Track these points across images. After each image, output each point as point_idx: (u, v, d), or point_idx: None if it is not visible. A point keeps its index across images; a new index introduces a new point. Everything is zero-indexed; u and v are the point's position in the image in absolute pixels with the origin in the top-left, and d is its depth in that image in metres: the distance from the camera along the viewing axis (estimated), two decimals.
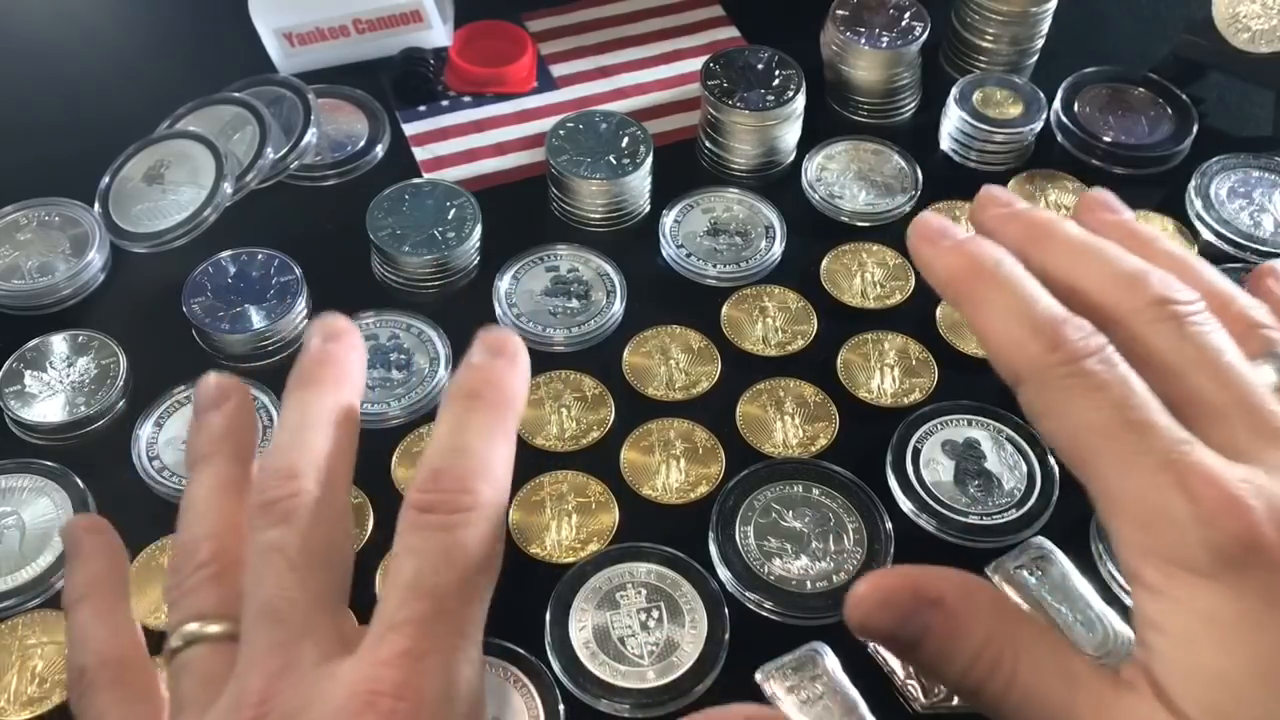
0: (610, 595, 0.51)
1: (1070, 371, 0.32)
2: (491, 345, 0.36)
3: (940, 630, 0.31)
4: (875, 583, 0.32)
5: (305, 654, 0.30)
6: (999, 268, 0.34)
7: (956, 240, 0.36)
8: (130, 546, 0.53)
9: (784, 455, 0.57)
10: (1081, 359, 0.32)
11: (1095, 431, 0.31)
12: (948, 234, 0.36)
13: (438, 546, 0.31)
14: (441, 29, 0.75)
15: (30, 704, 0.49)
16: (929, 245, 0.36)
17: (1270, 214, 0.68)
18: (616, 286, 0.64)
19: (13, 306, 0.62)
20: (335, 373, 0.37)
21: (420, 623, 0.30)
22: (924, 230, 0.37)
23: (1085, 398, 0.31)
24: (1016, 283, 0.34)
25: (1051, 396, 0.32)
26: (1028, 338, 0.33)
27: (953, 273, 0.35)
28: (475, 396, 0.34)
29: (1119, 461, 0.31)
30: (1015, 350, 0.33)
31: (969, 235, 0.36)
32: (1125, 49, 0.80)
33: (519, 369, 0.35)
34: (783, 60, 0.70)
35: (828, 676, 0.49)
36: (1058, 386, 0.32)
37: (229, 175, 0.65)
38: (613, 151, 0.67)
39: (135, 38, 0.80)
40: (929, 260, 0.36)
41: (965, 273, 0.35)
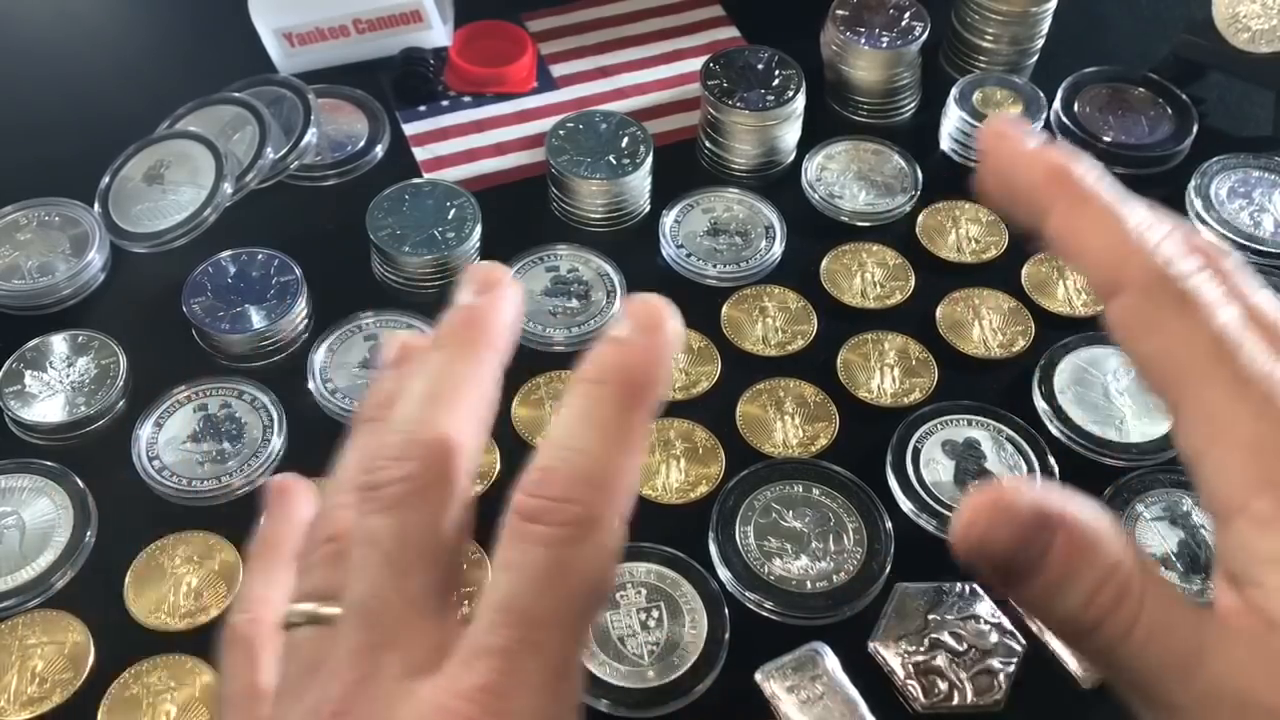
0: (610, 595, 0.51)
1: (1181, 283, 0.28)
2: (640, 319, 0.31)
3: (1065, 550, 0.27)
4: (991, 497, 0.28)
5: (389, 664, 0.27)
6: (1092, 175, 0.31)
7: (1042, 144, 0.32)
8: (130, 546, 0.53)
9: (784, 455, 0.57)
10: (1193, 272, 0.29)
11: (1203, 349, 0.28)
12: (1029, 138, 0.32)
13: (538, 564, 0.27)
14: (441, 29, 0.75)
15: (30, 704, 0.49)
16: (1014, 143, 0.32)
17: (1270, 214, 0.68)
18: (616, 286, 0.64)
19: (13, 306, 0.62)
20: (475, 335, 0.32)
21: (508, 654, 0.26)
22: (1002, 130, 0.33)
23: (1196, 312, 0.28)
24: (1112, 190, 0.31)
25: (1157, 310, 0.29)
26: (1133, 245, 0.29)
27: (1044, 174, 0.31)
28: (605, 384, 0.29)
29: (1231, 382, 0.28)
30: (1117, 257, 0.29)
31: (1050, 142, 0.33)
32: (1125, 49, 0.80)
33: (667, 352, 0.30)
34: (783, 60, 0.70)
35: (828, 676, 0.49)
36: (1166, 299, 0.28)
37: (229, 175, 0.65)
38: (613, 151, 0.67)
39: (135, 38, 0.80)
40: (1016, 158, 0.32)
41: (1056, 175, 0.31)
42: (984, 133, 0.33)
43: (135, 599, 0.52)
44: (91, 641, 0.51)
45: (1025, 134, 0.32)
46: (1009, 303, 0.64)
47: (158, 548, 0.54)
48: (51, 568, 0.53)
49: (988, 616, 0.51)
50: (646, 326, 0.30)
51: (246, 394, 0.59)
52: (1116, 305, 0.29)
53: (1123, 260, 0.29)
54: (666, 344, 0.30)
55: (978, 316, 0.64)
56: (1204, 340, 0.28)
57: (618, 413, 0.29)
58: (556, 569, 0.27)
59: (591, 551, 0.27)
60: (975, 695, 0.49)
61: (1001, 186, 0.32)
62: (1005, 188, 0.32)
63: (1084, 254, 0.30)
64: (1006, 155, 0.32)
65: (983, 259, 0.66)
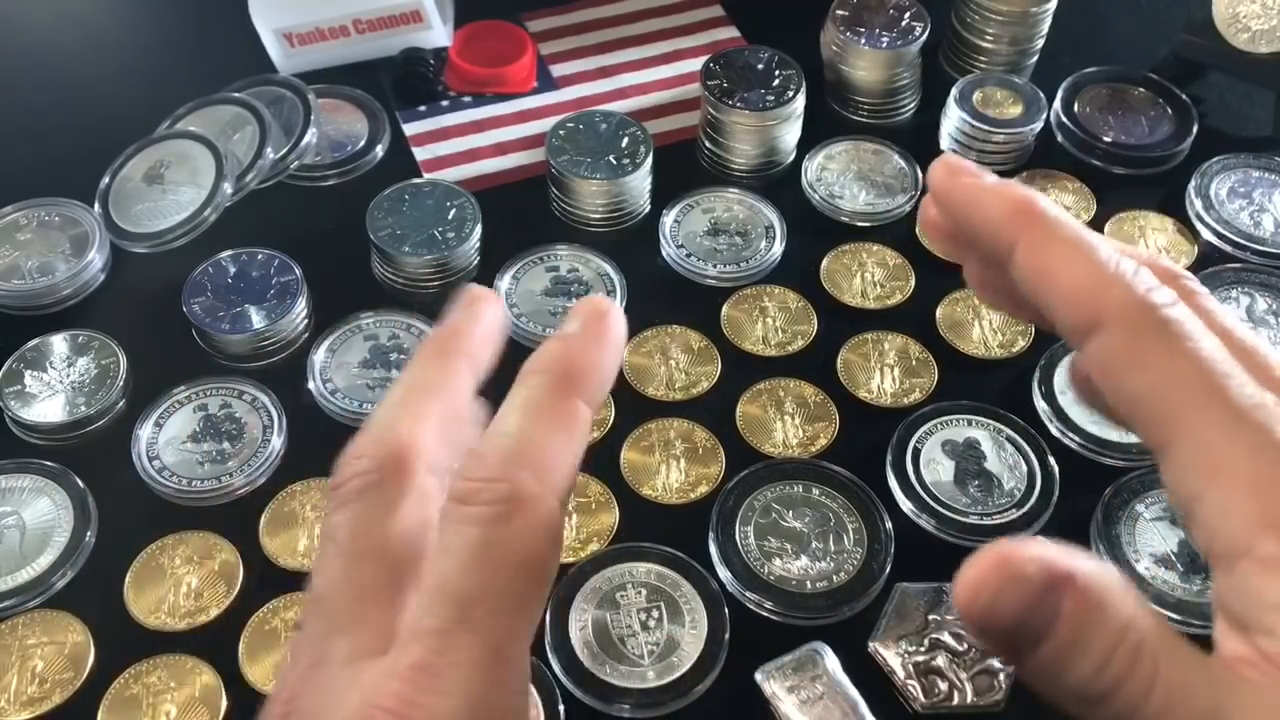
0: (610, 595, 0.51)
1: (1164, 316, 0.27)
2: (583, 315, 0.32)
3: (1074, 613, 0.25)
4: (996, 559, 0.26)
5: (337, 649, 0.28)
6: (1055, 209, 0.30)
7: (999, 180, 0.32)
8: (130, 546, 0.53)
9: (784, 455, 0.57)
10: (1172, 303, 0.28)
11: (1194, 383, 0.27)
12: (984, 174, 0.32)
13: (469, 544, 0.27)
14: (441, 29, 0.75)
15: (30, 704, 0.49)
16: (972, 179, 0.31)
17: (1270, 214, 0.68)
18: (616, 286, 0.64)
19: (13, 306, 0.62)
20: (450, 345, 0.34)
21: (441, 633, 0.26)
22: (960, 166, 0.32)
23: (1182, 344, 0.27)
24: (1079, 225, 0.30)
25: (1142, 344, 0.27)
26: (1109, 279, 0.28)
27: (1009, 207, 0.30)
28: (541, 374, 0.30)
29: (1225, 416, 0.26)
30: (1093, 290, 0.28)
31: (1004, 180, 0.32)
32: (1125, 49, 0.80)
33: (606, 345, 0.31)
34: (783, 60, 0.70)
35: (828, 676, 0.49)
36: (1150, 332, 0.27)
37: (229, 175, 0.65)
38: (613, 151, 0.67)
39: (135, 38, 0.80)
40: (976, 193, 0.31)
41: (1022, 208, 0.30)
42: (936, 171, 0.32)
43: (135, 599, 0.52)
44: (91, 641, 0.51)
45: (980, 171, 0.32)
46: None
47: (158, 548, 0.54)
48: (51, 568, 0.53)
49: None
50: (587, 322, 0.31)
51: (246, 394, 0.59)
52: (1097, 343, 0.28)
53: (1099, 293, 0.28)
54: (606, 337, 0.31)
55: (978, 316, 0.64)
56: (1193, 374, 0.27)
57: (551, 398, 0.30)
58: (487, 547, 0.27)
59: (524, 529, 0.27)
60: (975, 695, 0.49)
61: (958, 222, 0.32)
62: (963, 223, 0.32)
63: (1056, 288, 0.29)
64: (965, 190, 0.31)
65: None
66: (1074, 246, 0.29)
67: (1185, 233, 0.68)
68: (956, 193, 0.32)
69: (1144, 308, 0.28)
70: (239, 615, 0.51)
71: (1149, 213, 0.69)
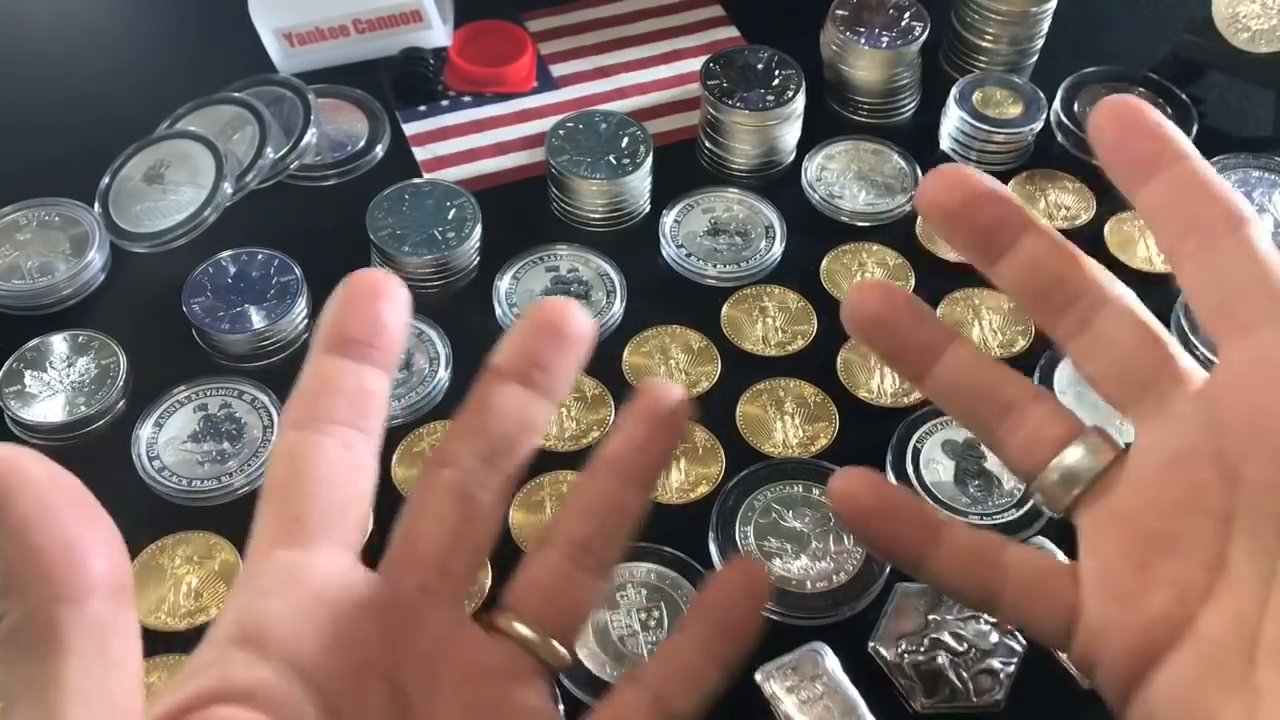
0: (610, 595, 0.51)
1: (1240, 230, 0.32)
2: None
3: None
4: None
5: None
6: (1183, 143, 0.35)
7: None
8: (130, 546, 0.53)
9: (784, 455, 0.57)
10: (1250, 222, 0.32)
11: (1248, 286, 0.31)
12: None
13: None
14: (441, 29, 0.75)
15: None
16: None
17: (1270, 214, 0.68)
18: (616, 286, 0.64)
19: (13, 306, 0.62)
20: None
21: None
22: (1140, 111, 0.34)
23: (1244, 251, 0.32)
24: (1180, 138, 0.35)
25: (1213, 248, 0.32)
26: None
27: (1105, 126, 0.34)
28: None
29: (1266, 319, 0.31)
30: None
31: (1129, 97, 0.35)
32: (1125, 49, 0.80)
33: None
34: (783, 60, 0.70)
35: (828, 676, 0.49)
36: (1218, 234, 0.32)
37: (229, 175, 0.65)
38: (613, 151, 0.67)
39: (135, 38, 0.80)
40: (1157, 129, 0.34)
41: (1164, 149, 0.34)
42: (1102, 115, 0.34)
43: (135, 599, 0.52)
44: None
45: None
46: (1009, 303, 0.64)
47: (158, 548, 0.54)
48: None
49: (988, 616, 0.51)
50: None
51: (246, 394, 0.59)
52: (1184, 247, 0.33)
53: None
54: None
55: (978, 316, 0.64)
56: None
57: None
58: None
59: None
60: (975, 695, 0.49)
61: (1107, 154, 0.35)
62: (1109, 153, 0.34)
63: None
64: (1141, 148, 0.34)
65: None
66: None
67: None
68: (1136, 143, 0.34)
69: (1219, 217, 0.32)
70: None
71: None
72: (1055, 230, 0.35)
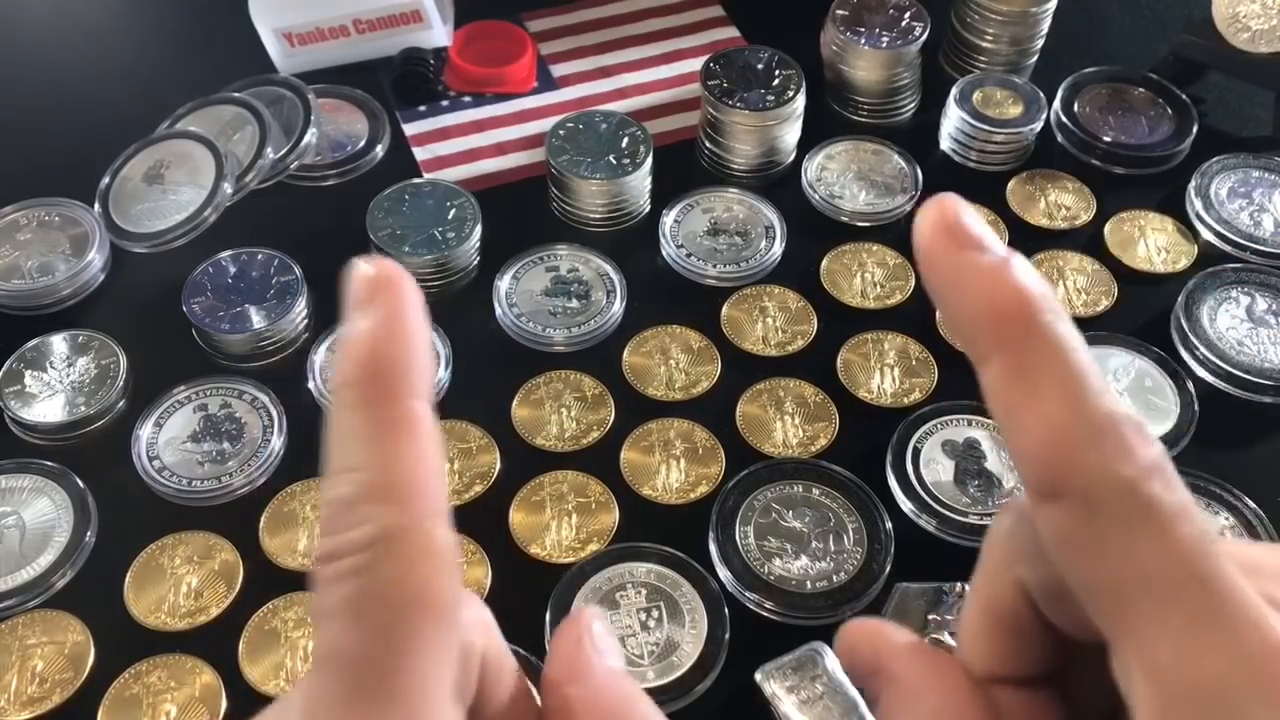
0: (610, 595, 0.51)
1: (1139, 495, 0.22)
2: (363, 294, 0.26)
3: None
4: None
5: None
6: (1053, 321, 0.23)
7: (1000, 259, 0.24)
8: (130, 546, 0.54)
9: (784, 455, 0.57)
10: (1153, 477, 0.23)
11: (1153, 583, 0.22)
12: (988, 246, 0.24)
13: (347, 602, 0.23)
14: (441, 29, 0.75)
15: (30, 704, 0.49)
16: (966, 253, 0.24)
17: (1270, 214, 0.68)
18: (616, 286, 0.64)
19: (13, 306, 0.62)
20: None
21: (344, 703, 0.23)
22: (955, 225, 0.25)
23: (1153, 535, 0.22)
24: (1078, 353, 0.23)
25: (1105, 526, 0.23)
26: (1087, 438, 0.23)
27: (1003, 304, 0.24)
28: (350, 385, 0.25)
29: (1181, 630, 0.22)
30: (1066, 452, 0.23)
31: (1011, 255, 0.24)
32: (1125, 49, 0.80)
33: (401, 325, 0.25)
34: (783, 60, 0.70)
35: (828, 676, 0.49)
36: (1118, 513, 0.22)
37: (229, 175, 0.65)
38: (613, 151, 0.67)
39: (135, 38, 0.80)
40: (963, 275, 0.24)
41: (1017, 312, 0.23)
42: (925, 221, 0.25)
43: (135, 599, 0.52)
44: (91, 641, 0.51)
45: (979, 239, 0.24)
46: None
47: (158, 548, 0.54)
48: (51, 568, 0.53)
49: None
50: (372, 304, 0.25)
51: (246, 394, 0.59)
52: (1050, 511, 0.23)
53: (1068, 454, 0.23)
54: (399, 316, 0.25)
55: None
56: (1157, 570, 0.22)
57: (377, 412, 0.25)
58: (366, 599, 0.23)
59: (402, 567, 0.24)
60: None
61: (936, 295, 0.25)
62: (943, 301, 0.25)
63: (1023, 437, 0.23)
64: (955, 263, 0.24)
65: None
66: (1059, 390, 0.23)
67: (1185, 233, 0.68)
68: (942, 263, 0.25)
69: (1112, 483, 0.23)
70: (239, 615, 0.51)
71: (1149, 213, 0.69)
72: None
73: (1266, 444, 0.59)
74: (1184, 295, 0.64)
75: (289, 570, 0.53)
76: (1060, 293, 0.65)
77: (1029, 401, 0.23)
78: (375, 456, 0.24)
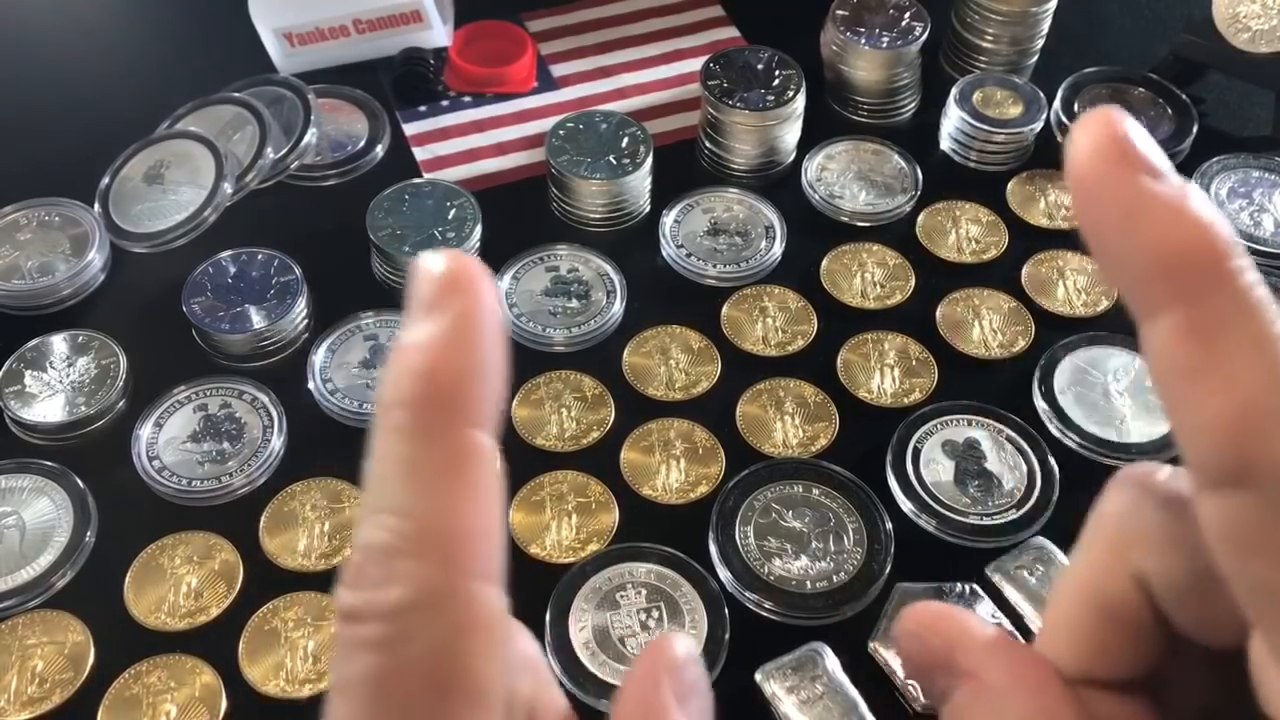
0: (610, 595, 0.51)
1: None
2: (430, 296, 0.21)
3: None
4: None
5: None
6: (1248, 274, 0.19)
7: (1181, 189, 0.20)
8: (130, 546, 0.53)
9: (784, 455, 0.57)
10: None
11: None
12: (1165, 173, 0.20)
13: (367, 677, 0.20)
14: (441, 29, 0.75)
15: (30, 704, 0.49)
16: (1141, 179, 0.20)
17: (1270, 214, 0.68)
18: (616, 286, 0.64)
19: (13, 306, 0.62)
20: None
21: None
22: (1127, 148, 0.20)
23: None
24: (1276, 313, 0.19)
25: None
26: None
27: (1181, 251, 0.19)
28: (402, 407, 0.20)
29: None
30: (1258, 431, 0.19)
31: (1189, 184, 0.20)
32: (1125, 49, 0.80)
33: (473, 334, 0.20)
34: (783, 60, 0.70)
35: (828, 676, 0.49)
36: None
37: (229, 175, 0.65)
38: (613, 151, 0.67)
39: (135, 38, 0.80)
40: (1139, 207, 0.20)
41: (1200, 259, 0.19)
42: (1085, 141, 0.21)
43: (135, 599, 0.52)
44: (91, 641, 0.51)
45: (1156, 165, 0.20)
46: (1009, 303, 0.64)
47: (158, 548, 0.54)
48: (51, 568, 0.53)
49: (988, 617, 0.51)
50: (439, 307, 0.21)
51: (246, 394, 0.59)
52: (1225, 499, 0.19)
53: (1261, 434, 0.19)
54: (473, 320, 0.20)
55: (978, 316, 0.64)
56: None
57: (428, 440, 0.20)
58: (392, 678, 0.19)
59: (439, 640, 0.20)
60: None
61: (1107, 234, 0.20)
62: (1112, 240, 0.20)
63: (1203, 405, 0.19)
64: (1129, 191, 0.20)
65: (983, 259, 0.66)
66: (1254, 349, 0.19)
67: None
68: (1111, 188, 0.20)
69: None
70: (239, 615, 0.51)
71: None
72: None
73: None
74: None
75: (289, 570, 0.53)
76: (1060, 292, 0.65)
77: (1214, 366, 0.19)
78: (422, 499, 0.20)
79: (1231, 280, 0.19)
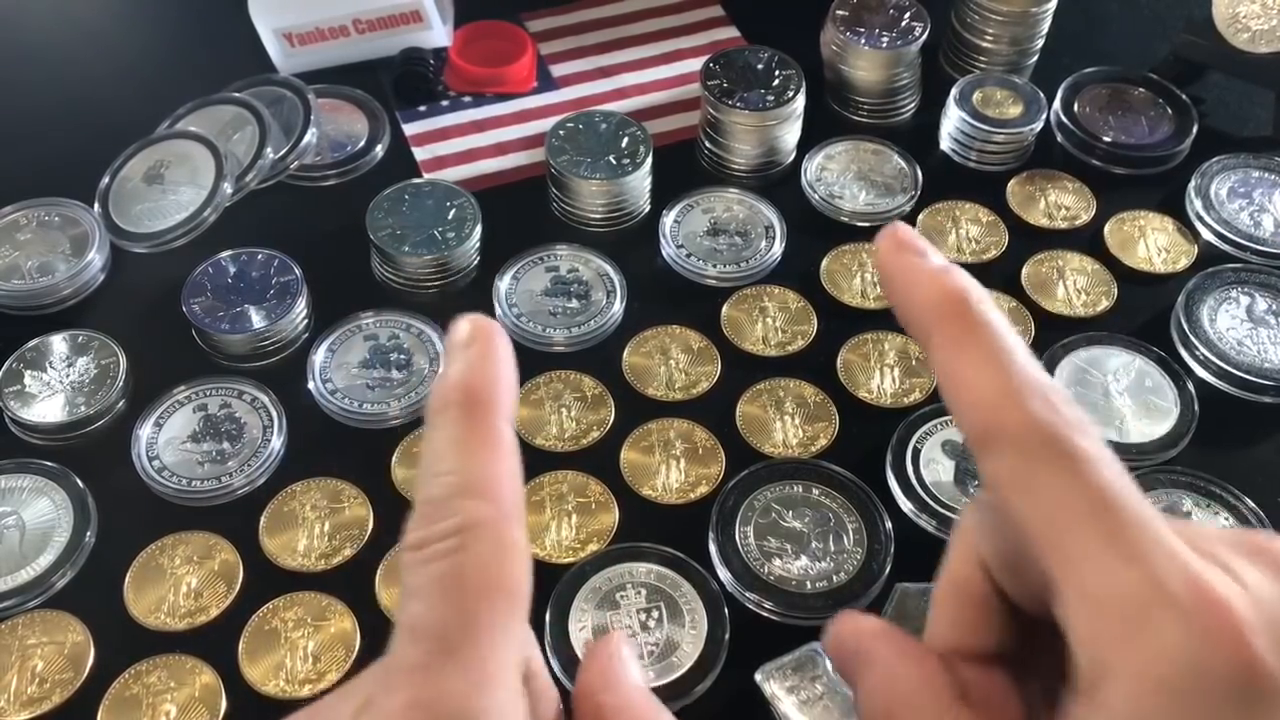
0: (610, 595, 0.51)
1: (1061, 442, 0.27)
2: (456, 339, 0.30)
3: None
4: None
5: (355, 698, 0.27)
6: (986, 308, 0.29)
7: (941, 264, 0.30)
8: (130, 546, 0.53)
9: (784, 455, 0.57)
10: (1074, 429, 0.27)
11: (1080, 515, 0.26)
12: (928, 253, 0.31)
13: (434, 580, 0.27)
14: (441, 29, 0.75)
15: (30, 704, 0.49)
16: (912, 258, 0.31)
17: (1270, 214, 0.68)
18: (616, 286, 0.64)
19: (13, 306, 0.62)
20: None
21: (425, 668, 0.26)
22: (905, 239, 0.31)
23: (1074, 473, 0.27)
24: (1004, 330, 0.29)
25: (1033, 468, 0.27)
26: (1015, 395, 0.27)
27: (939, 296, 0.30)
28: (448, 406, 0.29)
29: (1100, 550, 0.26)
30: (996, 407, 0.28)
31: (951, 264, 0.31)
32: (1125, 49, 0.80)
33: (496, 361, 0.30)
34: (783, 60, 0.70)
35: (828, 676, 0.49)
36: (1043, 456, 0.27)
37: (229, 175, 0.65)
38: (613, 151, 0.67)
39: (135, 39, 0.80)
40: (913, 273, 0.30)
41: (950, 303, 0.29)
42: (882, 242, 0.31)
43: (135, 599, 0.52)
44: (91, 641, 0.51)
45: (924, 249, 0.31)
46: (1009, 302, 0.64)
47: (158, 548, 0.54)
48: (51, 568, 0.53)
49: None
50: (475, 343, 0.30)
51: (246, 394, 0.59)
52: (988, 460, 0.28)
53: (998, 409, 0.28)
54: (497, 353, 0.30)
55: None
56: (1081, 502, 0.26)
57: (468, 426, 0.29)
58: (454, 578, 0.27)
59: (487, 553, 0.27)
60: None
61: (892, 300, 0.31)
62: (896, 303, 0.31)
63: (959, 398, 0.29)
64: (903, 267, 0.31)
65: (982, 259, 0.66)
66: (989, 357, 0.28)
67: (1185, 233, 0.68)
68: (894, 267, 0.31)
69: (1038, 431, 0.27)
70: (239, 615, 0.51)
71: (1149, 213, 0.69)
72: None
73: (1266, 444, 0.59)
74: (1184, 295, 0.64)
75: (289, 570, 0.53)
76: (1060, 292, 0.65)
77: (967, 363, 0.29)
78: (468, 462, 0.28)
79: (976, 310, 0.29)
